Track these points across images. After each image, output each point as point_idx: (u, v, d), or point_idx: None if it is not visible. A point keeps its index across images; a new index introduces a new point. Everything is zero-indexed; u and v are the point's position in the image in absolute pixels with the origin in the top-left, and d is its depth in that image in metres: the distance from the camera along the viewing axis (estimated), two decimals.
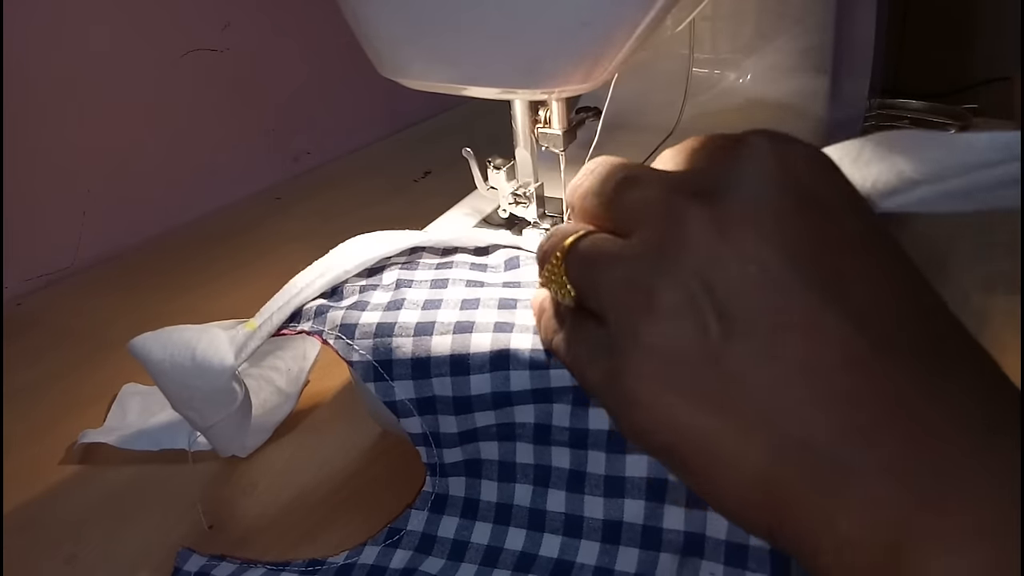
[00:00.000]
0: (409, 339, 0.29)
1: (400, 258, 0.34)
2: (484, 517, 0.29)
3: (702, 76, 0.56)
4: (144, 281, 0.56)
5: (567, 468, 0.28)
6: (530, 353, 0.28)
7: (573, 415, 0.27)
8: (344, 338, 0.30)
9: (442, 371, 0.29)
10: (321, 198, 0.67)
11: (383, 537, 0.30)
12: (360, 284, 0.33)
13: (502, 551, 0.28)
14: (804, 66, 0.52)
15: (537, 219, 0.40)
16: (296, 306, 0.32)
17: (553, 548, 0.28)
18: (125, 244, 0.62)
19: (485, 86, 0.32)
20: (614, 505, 0.27)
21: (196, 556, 0.32)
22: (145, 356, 0.32)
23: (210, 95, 0.66)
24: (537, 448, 0.28)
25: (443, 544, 0.29)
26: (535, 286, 0.31)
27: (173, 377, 0.32)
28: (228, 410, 0.32)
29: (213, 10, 0.64)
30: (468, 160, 0.39)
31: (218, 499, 0.36)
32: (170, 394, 0.32)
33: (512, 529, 0.29)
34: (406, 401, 0.29)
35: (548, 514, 0.28)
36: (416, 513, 0.30)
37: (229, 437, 0.34)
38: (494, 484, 0.29)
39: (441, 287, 0.32)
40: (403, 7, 0.30)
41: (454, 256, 0.35)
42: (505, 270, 0.33)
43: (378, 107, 0.80)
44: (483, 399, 0.28)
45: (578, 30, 0.29)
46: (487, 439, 0.29)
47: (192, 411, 0.33)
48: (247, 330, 0.32)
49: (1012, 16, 0.85)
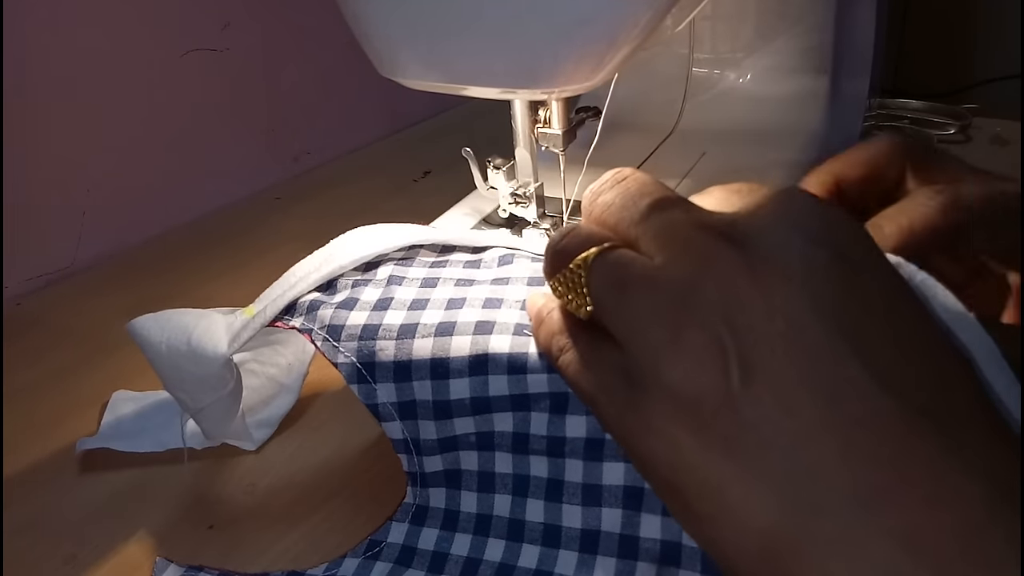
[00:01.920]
0: (392, 341, 0.29)
1: (398, 253, 0.34)
2: (464, 528, 0.29)
3: (702, 76, 0.56)
4: (144, 281, 0.56)
5: (545, 477, 0.28)
6: (508, 357, 0.28)
7: (550, 423, 0.27)
8: (330, 339, 0.30)
9: (422, 374, 0.28)
10: (321, 198, 0.67)
11: (363, 549, 0.30)
12: (354, 278, 0.33)
13: (481, 562, 0.28)
14: (804, 66, 0.52)
15: (537, 219, 0.40)
16: (292, 298, 0.32)
17: (532, 559, 0.28)
18: (125, 244, 0.62)
19: (485, 86, 0.32)
20: (592, 514, 0.27)
21: (174, 566, 0.31)
22: (143, 337, 0.33)
23: (210, 95, 0.66)
24: (516, 457, 0.28)
25: (423, 556, 0.29)
26: (524, 282, 0.31)
27: (168, 359, 0.33)
28: (219, 394, 0.33)
29: (213, 10, 0.64)
30: (468, 160, 0.39)
31: (218, 499, 0.36)
32: (164, 375, 0.33)
33: (491, 540, 0.29)
34: (388, 404, 0.29)
35: (527, 524, 0.28)
36: (397, 525, 0.30)
37: (217, 420, 0.35)
38: (474, 495, 0.29)
39: (431, 286, 0.32)
40: (403, 7, 0.30)
41: (451, 255, 0.34)
42: (498, 266, 0.33)
43: (378, 107, 0.80)
44: (462, 404, 0.28)
45: (577, 29, 0.29)
46: (467, 448, 0.29)
47: (183, 392, 0.33)
48: (244, 316, 0.33)
49: (1012, 16, 0.85)
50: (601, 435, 0.26)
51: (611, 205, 0.24)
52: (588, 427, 0.27)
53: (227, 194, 0.69)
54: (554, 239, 0.25)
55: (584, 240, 0.24)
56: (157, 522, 0.35)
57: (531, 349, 0.27)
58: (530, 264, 0.32)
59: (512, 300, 0.30)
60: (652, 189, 0.24)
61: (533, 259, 0.33)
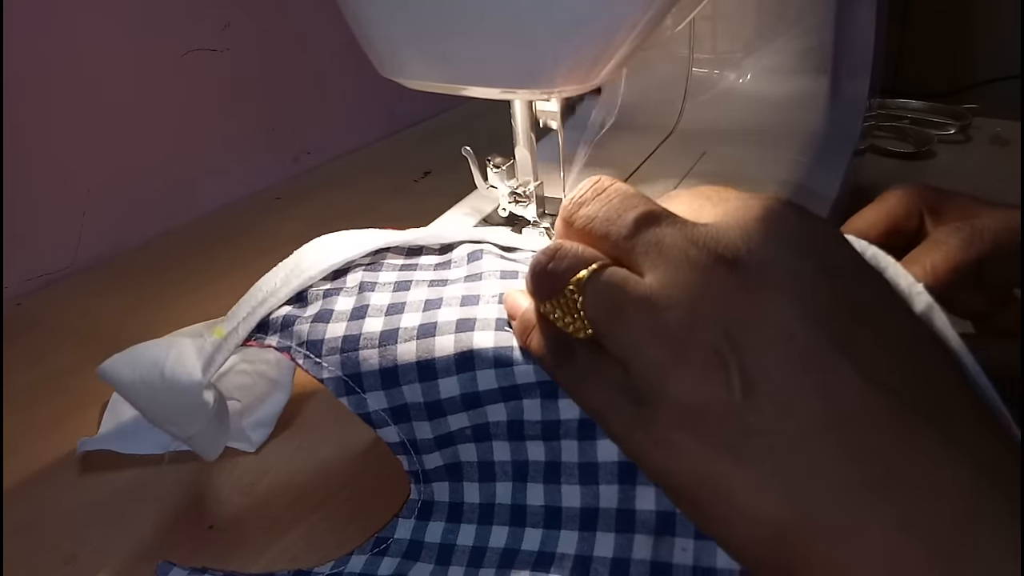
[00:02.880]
0: (375, 350, 0.29)
1: (365, 259, 0.34)
2: (468, 519, 0.29)
3: (702, 76, 0.56)
4: (144, 281, 0.56)
5: (543, 460, 0.28)
6: (494, 352, 0.28)
7: (543, 408, 0.28)
8: (312, 356, 0.30)
9: (411, 378, 0.29)
10: (321, 198, 0.67)
11: (370, 546, 0.30)
12: (324, 288, 0.33)
13: (487, 550, 0.29)
14: (804, 66, 0.52)
15: (536, 218, 0.40)
16: (261, 316, 0.32)
17: (535, 541, 0.28)
18: (125, 244, 0.62)
19: (485, 86, 0.32)
20: (589, 492, 0.27)
21: (177, 569, 0.31)
22: (116, 379, 0.32)
23: (210, 95, 0.66)
24: (513, 444, 0.29)
25: (430, 549, 0.29)
26: (497, 275, 0.31)
27: (146, 396, 0.32)
28: (205, 419, 0.32)
29: (213, 10, 0.64)
30: (468, 160, 0.39)
31: (218, 499, 0.36)
32: (145, 412, 0.33)
33: (495, 527, 0.29)
34: (380, 412, 0.29)
35: (528, 508, 0.28)
36: (403, 522, 0.30)
37: (209, 443, 0.34)
38: (476, 485, 0.30)
39: (404, 289, 0.32)
40: (403, 7, 0.30)
41: (419, 257, 0.34)
42: (468, 263, 0.33)
43: (378, 107, 0.80)
44: (454, 402, 0.29)
45: (577, 29, 0.29)
46: (464, 441, 0.29)
47: (170, 424, 0.33)
48: (215, 339, 0.32)
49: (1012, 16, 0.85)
50: None
51: (594, 218, 0.25)
52: (581, 409, 0.27)
53: (227, 194, 0.69)
54: (540, 261, 0.25)
55: (573, 261, 0.24)
56: (157, 522, 0.35)
57: (515, 343, 0.28)
58: (498, 259, 0.33)
59: (488, 295, 0.30)
60: (636, 202, 0.25)
61: (501, 253, 0.33)
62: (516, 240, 0.35)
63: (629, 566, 0.26)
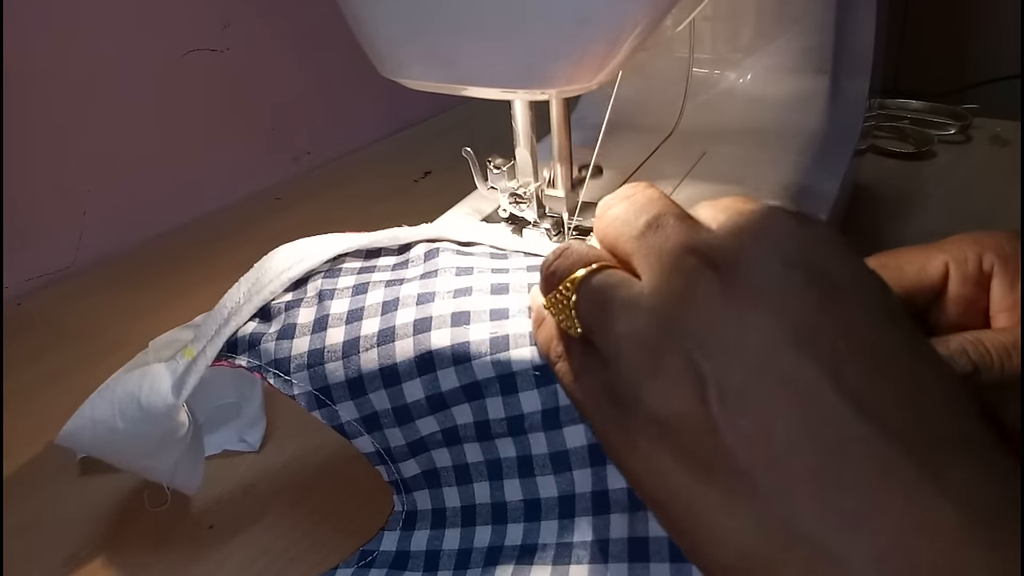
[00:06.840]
0: (339, 362, 0.29)
1: (324, 266, 0.34)
2: (452, 523, 0.30)
3: (702, 76, 0.56)
4: (144, 281, 0.56)
5: (515, 456, 0.28)
6: (451, 349, 0.28)
7: (506, 404, 0.28)
8: (281, 375, 0.30)
9: (376, 385, 0.29)
10: (321, 198, 0.67)
11: (356, 559, 0.30)
12: (285, 301, 0.33)
13: (472, 551, 0.29)
14: (804, 66, 0.52)
15: (537, 219, 0.40)
16: (228, 335, 0.32)
17: (517, 536, 0.28)
18: (125, 244, 0.62)
19: (485, 86, 0.32)
20: (564, 480, 0.27)
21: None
22: (77, 442, 0.32)
23: (210, 95, 0.66)
24: (483, 444, 0.29)
25: (417, 558, 0.30)
26: (452, 272, 0.31)
27: (125, 430, 0.31)
28: (184, 444, 0.32)
29: (213, 10, 0.64)
30: (468, 160, 0.39)
31: (218, 499, 0.36)
32: (127, 451, 0.32)
33: (478, 528, 0.29)
34: (352, 422, 0.30)
35: (508, 504, 0.29)
36: (388, 534, 0.31)
37: (191, 468, 0.34)
38: (455, 489, 0.30)
39: (362, 292, 0.32)
40: (403, 7, 0.30)
41: (377, 259, 0.34)
42: (425, 261, 0.33)
43: (378, 107, 0.80)
44: (420, 405, 0.29)
45: (577, 29, 0.29)
46: (436, 446, 0.30)
47: (149, 459, 0.32)
48: (186, 359, 0.32)
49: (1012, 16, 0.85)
50: (556, 404, 0.27)
51: (616, 219, 0.25)
52: (541, 399, 0.27)
53: (227, 194, 0.69)
54: (548, 258, 0.25)
55: (574, 261, 0.24)
56: (157, 522, 0.35)
57: (471, 336, 0.28)
58: (454, 255, 0.33)
59: (443, 292, 0.30)
60: (655, 206, 0.24)
61: (458, 251, 0.33)
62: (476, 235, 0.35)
63: (608, 545, 0.26)
